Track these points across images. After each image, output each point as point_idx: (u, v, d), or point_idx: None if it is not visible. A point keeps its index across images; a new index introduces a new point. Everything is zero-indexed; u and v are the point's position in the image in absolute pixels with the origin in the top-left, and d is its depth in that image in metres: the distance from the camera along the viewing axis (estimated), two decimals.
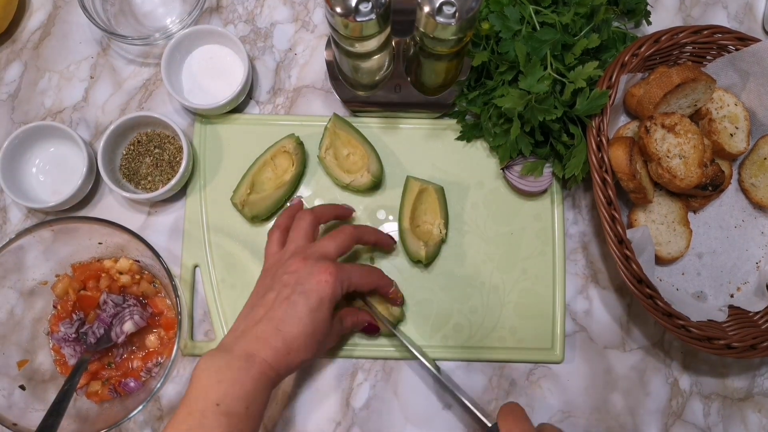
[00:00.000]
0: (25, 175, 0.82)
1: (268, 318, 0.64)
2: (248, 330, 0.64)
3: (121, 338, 0.75)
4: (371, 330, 0.78)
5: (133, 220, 0.83)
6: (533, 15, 0.75)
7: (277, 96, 0.87)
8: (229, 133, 0.85)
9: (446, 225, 0.81)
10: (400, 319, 0.80)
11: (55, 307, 0.78)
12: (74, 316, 0.77)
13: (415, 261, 0.80)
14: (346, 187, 0.82)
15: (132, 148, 0.83)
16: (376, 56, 0.72)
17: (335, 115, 0.83)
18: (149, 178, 0.82)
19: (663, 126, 0.76)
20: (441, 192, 0.82)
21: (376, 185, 0.82)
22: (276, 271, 0.68)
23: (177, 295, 0.72)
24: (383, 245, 0.78)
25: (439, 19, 0.63)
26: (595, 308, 0.83)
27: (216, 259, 0.81)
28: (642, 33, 0.88)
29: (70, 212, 0.83)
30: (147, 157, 0.82)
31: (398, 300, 0.78)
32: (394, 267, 0.82)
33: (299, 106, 0.87)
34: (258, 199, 0.81)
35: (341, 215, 0.79)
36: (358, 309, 0.77)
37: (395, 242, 0.80)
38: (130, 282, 0.78)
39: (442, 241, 0.81)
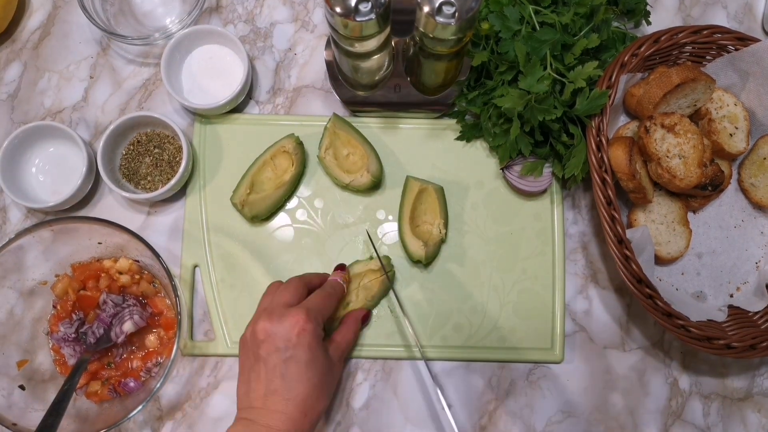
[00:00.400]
0: (25, 175, 0.82)
1: (271, 392, 0.63)
2: (261, 406, 0.63)
3: (121, 338, 0.75)
4: (364, 320, 0.79)
5: (132, 220, 0.83)
6: (533, 15, 0.75)
7: (276, 96, 0.87)
8: (229, 133, 0.85)
9: (446, 225, 0.81)
10: (392, 272, 0.80)
11: (54, 307, 0.78)
12: (74, 316, 0.77)
13: (415, 261, 0.80)
14: (345, 187, 0.82)
15: (132, 148, 0.83)
16: (376, 56, 0.72)
17: (335, 115, 0.83)
18: (149, 178, 0.82)
19: (663, 126, 0.76)
20: (441, 192, 0.82)
21: (375, 185, 0.82)
22: (252, 344, 0.66)
23: (177, 295, 0.72)
24: (341, 293, 0.76)
25: (439, 19, 0.63)
26: (594, 308, 0.83)
27: (216, 259, 0.81)
28: (642, 33, 0.88)
29: (70, 212, 0.83)
30: (147, 157, 0.82)
31: (346, 282, 0.77)
32: (393, 267, 0.81)
33: (299, 106, 0.87)
34: (258, 199, 0.81)
35: (323, 279, 0.77)
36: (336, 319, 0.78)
37: (341, 282, 0.77)
38: (130, 282, 0.78)
39: (442, 241, 0.81)
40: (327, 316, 0.70)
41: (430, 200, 0.82)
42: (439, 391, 0.75)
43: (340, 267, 0.79)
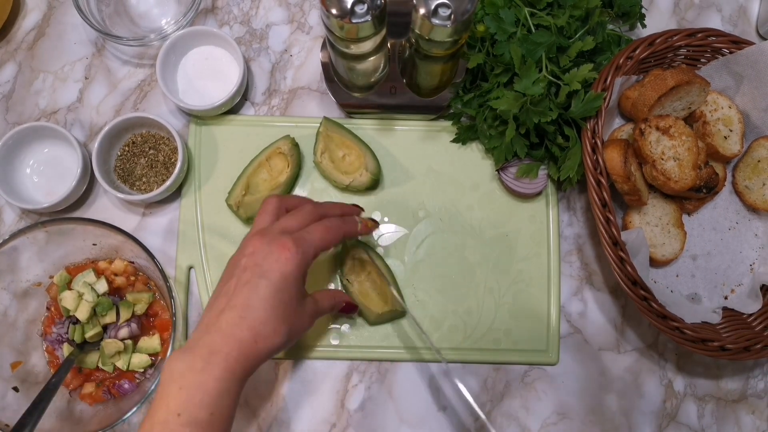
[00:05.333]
0: (19, 176, 0.82)
1: (230, 306, 0.59)
2: (211, 324, 0.59)
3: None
4: (349, 309, 0.76)
5: (127, 222, 0.83)
6: (528, 17, 0.76)
7: (272, 97, 0.87)
8: (225, 135, 0.85)
9: (399, 292, 0.79)
10: (403, 312, 0.79)
11: (48, 308, 0.78)
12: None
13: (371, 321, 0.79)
14: (346, 189, 0.82)
15: (127, 149, 0.83)
16: (372, 58, 0.73)
17: (325, 118, 0.82)
18: (144, 179, 0.82)
19: (657, 128, 0.76)
20: (383, 266, 0.80)
21: (375, 183, 0.82)
22: (233, 260, 0.63)
23: (172, 297, 0.72)
24: (350, 231, 0.69)
25: (435, 21, 0.63)
26: (589, 310, 0.83)
27: (211, 260, 0.81)
28: (637, 36, 0.89)
29: (65, 213, 0.83)
30: (142, 158, 0.82)
31: (370, 229, 0.72)
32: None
33: (294, 108, 0.87)
34: (253, 201, 0.80)
35: (346, 212, 0.72)
36: (333, 289, 0.74)
37: (359, 213, 0.74)
38: (125, 283, 0.78)
39: (401, 310, 0.79)
40: (321, 250, 0.64)
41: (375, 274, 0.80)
42: (460, 384, 0.73)
43: (357, 207, 0.74)
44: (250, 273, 0.60)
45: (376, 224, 0.73)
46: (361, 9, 0.62)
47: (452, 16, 0.63)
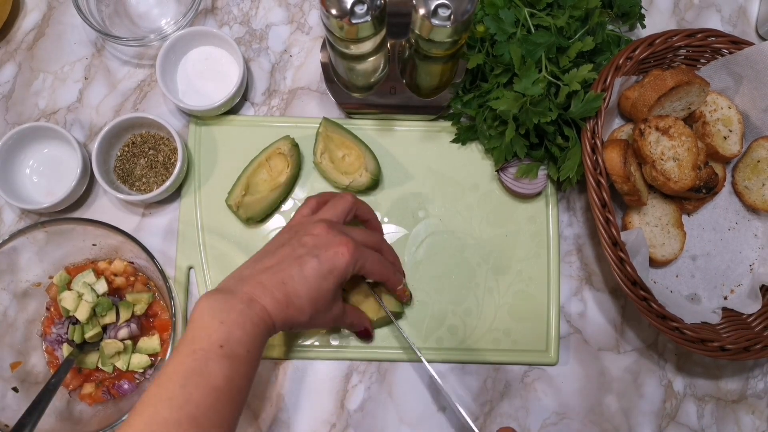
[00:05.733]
0: (19, 176, 0.82)
1: (276, 269, 0.63)
2: (252, 276, 0.62)
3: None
4: (366, 335, 0.78)
5: (127, 222, 0.83)
6: (528, 18, 0.76)
7: (272, 98, 0.87)
8: (224, 135, 0.85)
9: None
10: (400, 313, 0.80)
11: (48, 309, 0.78)
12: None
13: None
14: (345, 189, 0.82)
15: (126, 149, 0.83)
16: (372, 58, 0.73)
17: (325, 118, 0.82)
18: (144, 180, 0.82)
19: (657, 129, 0.76)
20: None
21: (375, 183, 0.82)
22: (299, 230, 0.67)
23: (171, 297, 0.72)
24: (393, 283, 0.74)
25: (435, 21, 0.63)
26: (589, 310, 0.83)
27: (210, 260, 0.81)
28: (636, 36, 0.89)
29: (64, 213, 0.83)
30: (141, 158, 0.82)
31: (405, 297, 0.78)
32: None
33: (294, 108, 0.87)
34: (253, 201, 0.80)
35: (373, 225, 0.77)
36: (356, 307, 0.76)
37: (403, 274, 0.78)
38: (125, 284, 0.78)
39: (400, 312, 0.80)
40: (364, 273, 0.68)
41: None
42: (441, 384, 0.74)
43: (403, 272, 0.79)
44: (306, 250, 0.64)
45: (410, 297, 0.80)
46: (360, 9, 0.62)
47: (452, 17, 0.63)
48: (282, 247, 0.65)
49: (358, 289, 0.78)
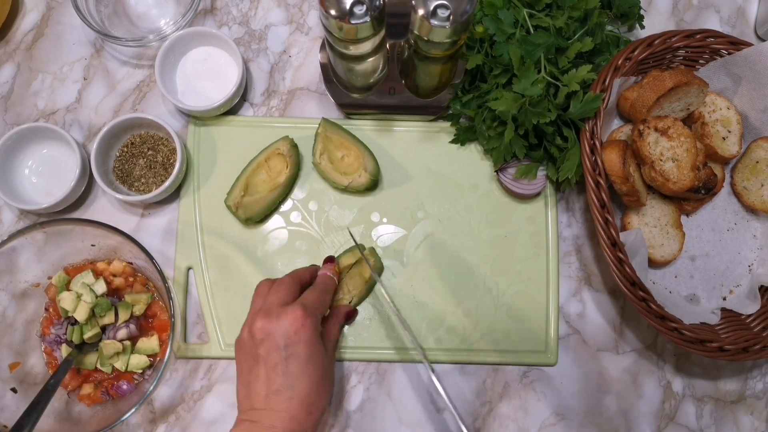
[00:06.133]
0: (18, 176, 0.82)
1: (274, 392, 0.63)
2: (264, 408, 0.63)
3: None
4: (349, 317, 0.79)
5: (126, 222, 0.83)
6: (527, 18, 0.76)
7: (271, 98, 0.87)
8: (223, 135, 0.85)
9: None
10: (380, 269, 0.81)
11: (47, 309, 0.78)
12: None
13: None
14: (345, 190, 0.82)
15: (125, 149, 0.83)
16: (371, 59, 0.73)
17: (324, 119, 0.82)
18: (143, 180, 0.82)
19: (656, 129, 0.76)
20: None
21: (374, 183, 0.82)
22: (248, 345, 0.66)
23: (170, 298, 0.72)
24: (332, 286, 0.75)
25: (434, 22, 0.63)
26: (588, 311, 0.83)
27: (209, 261, 0.81)
28: (635, 37, 0.89)
29: (63, 214, 0.83)
30: (140, 158, 0.82)
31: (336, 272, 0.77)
32: (387, 268, 0.82)
33: (293, 109, 0.87)
34: (252, 202, 0.80)
35: (313, 272, 0.76)
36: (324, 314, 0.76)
37: (333, 261, 0.78)
38: (124, 284, 0.78)
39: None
40: (323, 312, 0.69)
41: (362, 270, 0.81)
42: (437, 382, 0.73)
43: (329, 259, 0.78)
44: (276, 356, 0.63)
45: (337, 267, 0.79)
46: (359, 10, 0.62)
47: (451, 17, 0.63)
48: (255, 367, 0.64)
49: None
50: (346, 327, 0.80)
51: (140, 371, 0.76)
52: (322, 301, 0.70)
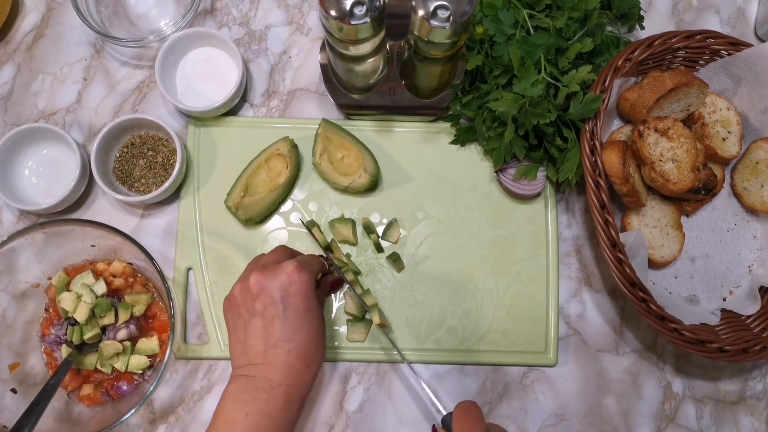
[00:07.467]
0: (18, 177, 0.82)
1: (271, 345, 0.63)
2: (262, 362, 0.63)
3: None
4: (335, 287, 0.80)
5: (126, 223, 0.83)
6: (527, 19, 0.76)
7: (271, 99, 0.87)
8: (223, 136, 0.85)
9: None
10: (357, 271, 0.81)
11: (47, 310, 0.78)
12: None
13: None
14: (344, 190, 0.82)
15: (125, 150, 0.83)
16: (371, 59, 0.73)
17: (324, 120, 0.82)
18: (143, 181, 0.82)
19: (656, 130, 0.76)
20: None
21: (374, 184, 0.82)
22: (242, 300, 0.66)
23: (170, 298, 0.71)
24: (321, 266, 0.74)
25: (434, 22, 0.63)
26: (588, 311, 0.83)
27: (209, 261, 0.81)
28: (635, 37, 0.89)
29: (63, 214, 0.83)
30: (140, 159, 0.82)
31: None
32: (386, 268, 0.82)
33: (293, 109, 0.87)
34: (252, 202, 0.80)
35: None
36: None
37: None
38: (124, 285, 0.78)
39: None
40: (316, 272, 0.69)
41: None
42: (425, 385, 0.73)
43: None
44: (273, 310, 0.63)
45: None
46: (359, 11, 0.62)
47: (451, 18, 0.63)
48: (253, 320, 0.64)
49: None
50: (345, 327, 0.80)
51: (140, 372, 0.76)
52: (313, 262, 0.69)
